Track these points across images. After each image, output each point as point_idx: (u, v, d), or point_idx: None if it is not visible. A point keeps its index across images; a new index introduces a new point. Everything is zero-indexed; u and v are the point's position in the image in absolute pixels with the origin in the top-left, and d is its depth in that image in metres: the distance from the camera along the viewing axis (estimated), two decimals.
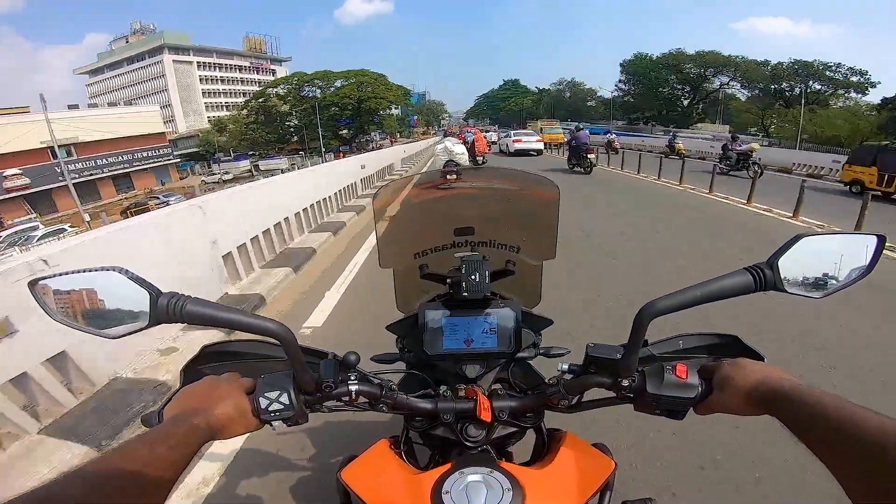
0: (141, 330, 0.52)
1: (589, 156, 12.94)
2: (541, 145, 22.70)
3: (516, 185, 1.07)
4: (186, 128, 62.10)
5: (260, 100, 55.38)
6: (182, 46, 65.53)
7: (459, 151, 10.81)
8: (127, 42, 67.71)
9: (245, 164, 48.18)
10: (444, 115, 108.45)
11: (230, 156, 52.35)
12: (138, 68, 65.65)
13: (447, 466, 0.61)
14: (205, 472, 1.86)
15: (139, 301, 0.51)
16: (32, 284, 0.50)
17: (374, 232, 1.02)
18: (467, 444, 0.70)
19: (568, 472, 0.63)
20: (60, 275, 0.50)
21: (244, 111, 56.54)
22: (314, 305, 3.74)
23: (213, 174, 45.47)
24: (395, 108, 78.88)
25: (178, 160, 48.10)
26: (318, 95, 55.20)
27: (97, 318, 0.51)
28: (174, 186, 40.68)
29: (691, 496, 1.68)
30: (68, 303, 0.51)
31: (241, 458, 1.93)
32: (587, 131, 14.60)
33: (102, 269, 0.50)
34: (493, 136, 31.54)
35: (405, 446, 0.79)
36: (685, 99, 54.47)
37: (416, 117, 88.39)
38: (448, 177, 1.01)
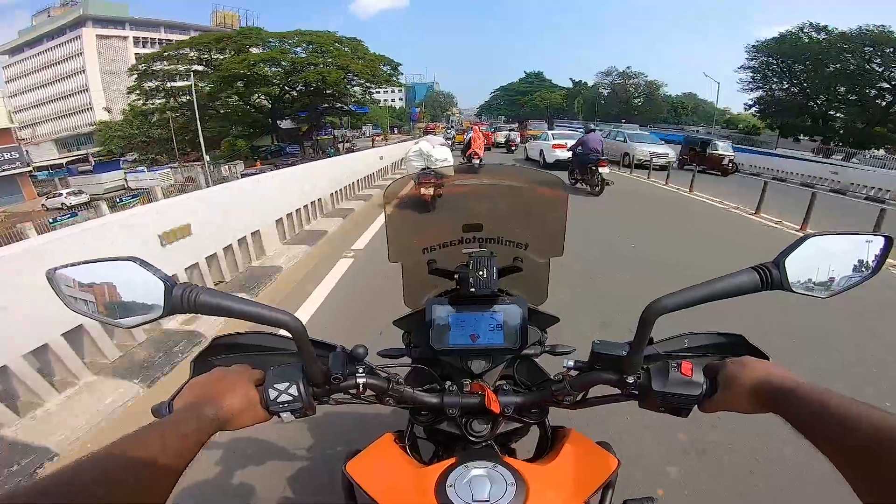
0: (155, 320, 0.55)
1: (600, 169, 9.31)
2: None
3: (524, 182, 1.13)
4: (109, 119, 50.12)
5: (153, 82, 36.86)
6: (113, 19, 57.36)
7: (440, 157, 7.04)
8: (49, 16, 57.21)
9: (114, 178, 32.14)
10: (454, 111, 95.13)
11: (118, 162, 35.38)
12: (57, 45, 57.11)
13: (452, 461, 0.65)
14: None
15: (154, 291, 0.54)
16: (50, 274, 0.53)
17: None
18: (472, 438, 0.75)
19: (571, 468, 0.67)
20: (77, 264, 0.53)
21: (131, 97, 38.76)
22: None
23: (59, 194, 30.07)
24: (381, 92, 65.47)
25: (31, 169, 33.69)
26: (224, 64, 34.45)
27: (113, 308, 0.54)
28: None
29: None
30: (85, 292, 0.53)
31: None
32: (600, 135, 10.55)
33: (118, 259, 0.54)
34: (516, 137, 26.02)
35: (410, 441, 0.83)
36: (880, 100, 31.78)
37: (417, 110, 75.51)
38: (423, 192, 1.11)
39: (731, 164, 16.62)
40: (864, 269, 0.59)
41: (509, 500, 0.57)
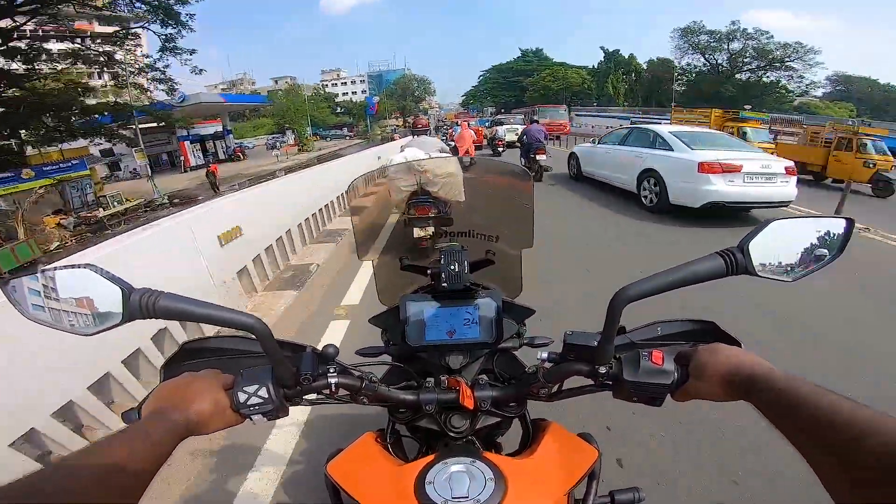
0: (114, 326, 0.57)
1: (539, 157, 10.32)
2: None
3: (491, 175, 1.20)
4: None
5: None
6: None
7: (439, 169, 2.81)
8: None
9: None
10: (431, 102, 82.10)
11: None
12: None
13: (431, 458, 0.68)
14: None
15: (111, 297, 0.56)
16: (4, 284, 0.55)
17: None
18: (452, 434, 0.79)
19: (551, 461, 0.71)
20: (32, 274, 0.56)
21: None
22: None
23: None
24: (336, 84, 49.99)
25: None
26: None
27: (70, 316, 0.57)
28: None
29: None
30: (41, 301, 0.56)
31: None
32: (541, 126, 11.15)
33: (73, 266, 0.56)
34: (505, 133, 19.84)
35: (391, 438, 0.87)
36: None
37: (375, 100, 61.72)
38: (417, 233, 1.42)
39: None
40: (827, 252, 0.61)
41: (489, 495, 0.60)
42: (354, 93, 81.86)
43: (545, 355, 0.74)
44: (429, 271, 0.91)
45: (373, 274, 1.06)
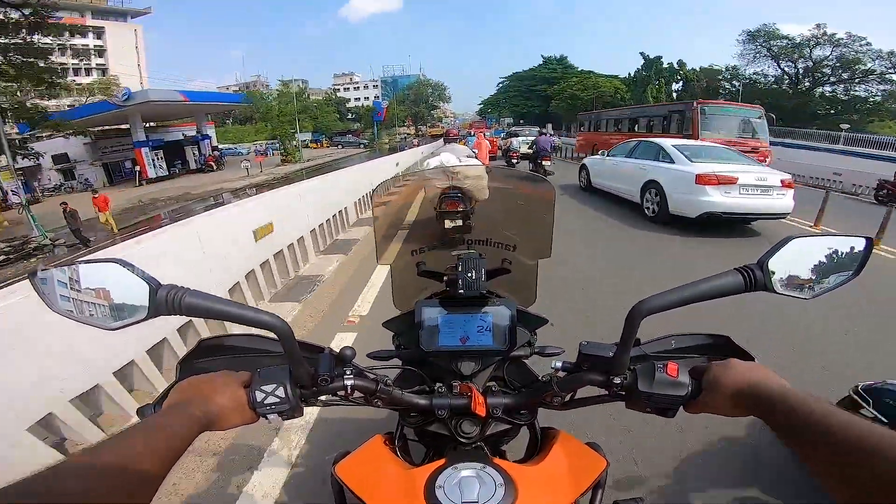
0: (140, 321, 0.58)
1: (544, 163, 13.23)
2: None
3: (512, 184, 1.26)
4: None
5: None
6: None
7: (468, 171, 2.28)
8: None
9: None
10: (445, 110, 79.93)
11: None
12: None
13: (441, 462, 0.69)
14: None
15: (138, 293, 0.57)
16: (32, 275, 0.56)
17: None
18: (461, 439, 0.80)
19: (560, 469, 0.72)
20: (61, 266, 0.57)
21: None
22: None
23: None
24: (349, 89, 47.90)
25: None
26: None
27: (97, 309, 0.58)
28: None
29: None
30: (68, 294, 0.57)
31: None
32: (551, 137, 14.91)
33: (102, 260, 0.57)
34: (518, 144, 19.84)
35: (400, 442, 0.88)
36: None
37: (383, 105, 59.65)
38: (448, 224, 1.25)
39: None
40: (846, 271, 0.62)
41: (498, 502, 0.61)
42: (367, 98, 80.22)
43: (559, 364, 0.76)
44: (445, 277, 0.92)
45: (390, 278, 1.08)
